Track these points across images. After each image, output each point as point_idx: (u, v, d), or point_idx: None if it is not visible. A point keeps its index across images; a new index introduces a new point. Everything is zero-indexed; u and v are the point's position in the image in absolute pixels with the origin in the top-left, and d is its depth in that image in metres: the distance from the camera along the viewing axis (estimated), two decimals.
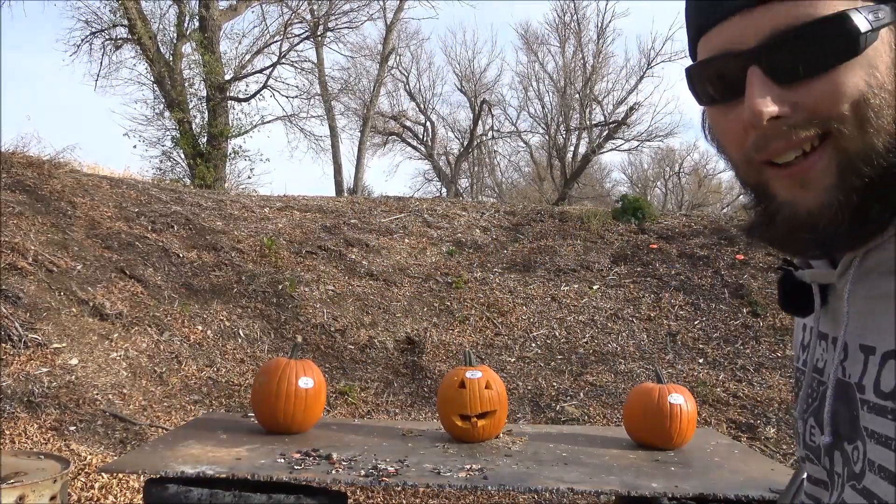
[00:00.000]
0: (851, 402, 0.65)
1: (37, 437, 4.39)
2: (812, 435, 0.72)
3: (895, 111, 0.59)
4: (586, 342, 6.66)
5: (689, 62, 0.70)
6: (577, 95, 20.93)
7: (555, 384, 6.04)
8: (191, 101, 15.41)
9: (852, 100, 0.59)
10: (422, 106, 24.48)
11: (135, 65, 15.63)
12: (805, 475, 0.72)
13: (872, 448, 0.61)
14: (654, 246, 8.40)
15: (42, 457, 3.10)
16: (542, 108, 22.75)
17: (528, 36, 23.71)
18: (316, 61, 18.44)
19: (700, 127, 0.74)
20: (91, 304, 6.00)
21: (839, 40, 0.58)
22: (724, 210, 27.00)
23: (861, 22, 0.58)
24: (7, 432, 4.36)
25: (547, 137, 22.75)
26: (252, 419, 3.47)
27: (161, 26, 15.29)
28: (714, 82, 0.64)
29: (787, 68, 0.60)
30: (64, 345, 5.33)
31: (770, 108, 0.60)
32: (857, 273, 0.65)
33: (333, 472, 2.71)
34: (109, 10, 14.92)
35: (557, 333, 6.81)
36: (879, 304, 0.63)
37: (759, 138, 0.62)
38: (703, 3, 0.65)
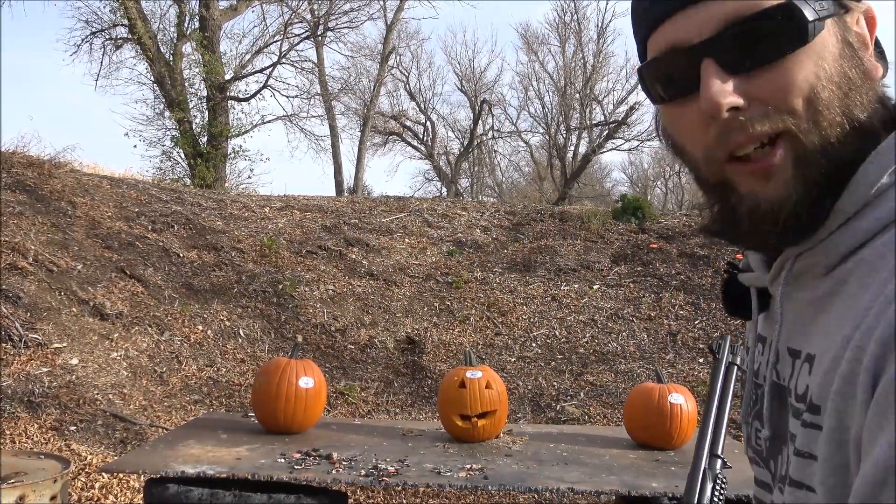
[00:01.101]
0: (784, 405, 0.67)
1: (37, 436, 4.39)
2: (758, 436, 0.72)
3: (842, 103, 0.60)
4: (586, 342, 6.66)
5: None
6: (577, 95, 20.92)
7: (555, 384, 6.04)
8: (191, 101, 15.40)
9: (804, 93, 0.59)
10: (422, 106, 24.48)
11: (135, 65, 15.62)
12: (705, 465, 0.70)
13: (791, 451, 0.63)
14: (655, 246, 8.40)
15: (42, 457, 3.10)
16: (542, 107, 22.74)
17: (528, 36, 23.70)
18: (316, 61, 18.44)
19: (655, 129, 0.73)
20: (91, 303, 6.00)
21: (788, 29, 0.59)
22: None
23: (808, 11, 0.59)
24: (7, 432, 4.36)
25: (547, 137, 22.75)
26: (252, 419, 3.47)
27: (161, 26, 15.28)
28: (667, 80, 0.64)
29: (740, 59, 0.59)
30: (64, 345, 5.34)
31: (729, 98, 0.59)
32: (788, 276, 0.65)
33: (334, 471, 2.71)
34: (109, 10, 14.92)
35: (558, 333, 6.81)
36: (808, 308, 0.64)
37: (721, 131, 0.61)
38: (646, 3, 0.65)
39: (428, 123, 24.64)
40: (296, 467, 2.73)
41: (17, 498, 2.65)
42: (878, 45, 0.64)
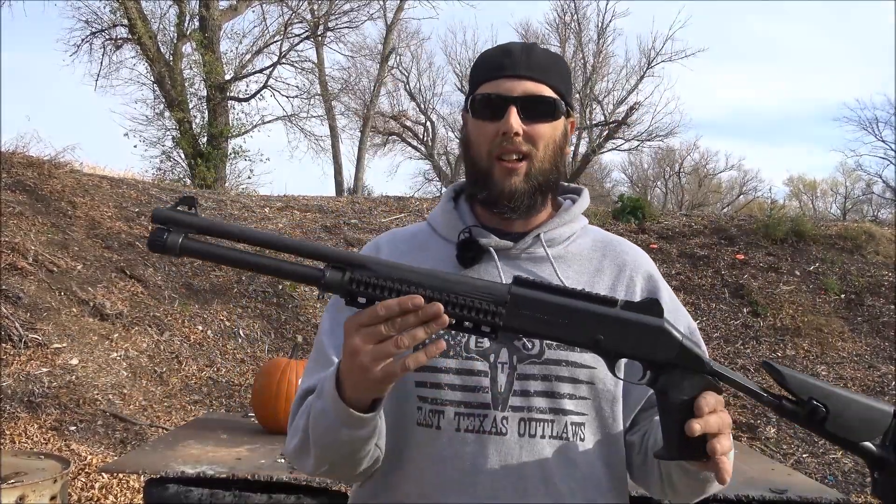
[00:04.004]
0: None
1: (37, 437, 4.39)
2: (479, 343, 1.15)
3: (554, 155, 1.19)
4: None
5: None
6: (577, 95, 20.92)
7: None
8: (191, 101, 15.37)
9: (544, 141, 1.18)
10: (422, 106, 24.46)
11: (135, 65, 15.53)
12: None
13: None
14: (655, 246, 8.41)
15: (42, 457, 3.10)
16: None
17: (529, 36, 23.65)
18: (316, 61, 18.43)
19: (461, 132, 1.31)
20: (91, 304, 6.00)
21: (549, 110, 1.18)
22: (724, 210, 27.02)
23: (561, 106, 1.20)
24: (7, 432, 4.36)
25: None
26: (252, 419, 3.47)
27: (161, 26, 15.25)
28: (489, 107, 1.18)
29: (526, 114, 1.16)
30: (64, 345, 5.34)
31: (518, 128, 1.15)
32: (542, 242, 1.22)
33: None
34: (109, 10, 14.90)
35: None
36: (537, 263, 1.22)
37: (502, 141, 1.16)
38: (493, 65, 1.20)
39: (428, 123, 24.65)
40: (296, 467, 2.72)
41: (17, 498, 2.65)
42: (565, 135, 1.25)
